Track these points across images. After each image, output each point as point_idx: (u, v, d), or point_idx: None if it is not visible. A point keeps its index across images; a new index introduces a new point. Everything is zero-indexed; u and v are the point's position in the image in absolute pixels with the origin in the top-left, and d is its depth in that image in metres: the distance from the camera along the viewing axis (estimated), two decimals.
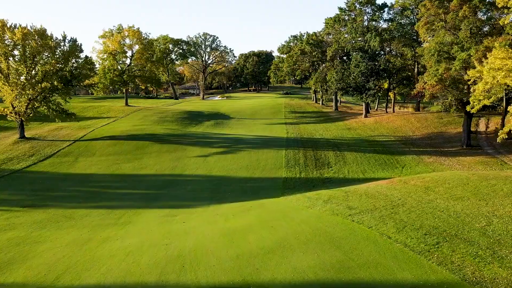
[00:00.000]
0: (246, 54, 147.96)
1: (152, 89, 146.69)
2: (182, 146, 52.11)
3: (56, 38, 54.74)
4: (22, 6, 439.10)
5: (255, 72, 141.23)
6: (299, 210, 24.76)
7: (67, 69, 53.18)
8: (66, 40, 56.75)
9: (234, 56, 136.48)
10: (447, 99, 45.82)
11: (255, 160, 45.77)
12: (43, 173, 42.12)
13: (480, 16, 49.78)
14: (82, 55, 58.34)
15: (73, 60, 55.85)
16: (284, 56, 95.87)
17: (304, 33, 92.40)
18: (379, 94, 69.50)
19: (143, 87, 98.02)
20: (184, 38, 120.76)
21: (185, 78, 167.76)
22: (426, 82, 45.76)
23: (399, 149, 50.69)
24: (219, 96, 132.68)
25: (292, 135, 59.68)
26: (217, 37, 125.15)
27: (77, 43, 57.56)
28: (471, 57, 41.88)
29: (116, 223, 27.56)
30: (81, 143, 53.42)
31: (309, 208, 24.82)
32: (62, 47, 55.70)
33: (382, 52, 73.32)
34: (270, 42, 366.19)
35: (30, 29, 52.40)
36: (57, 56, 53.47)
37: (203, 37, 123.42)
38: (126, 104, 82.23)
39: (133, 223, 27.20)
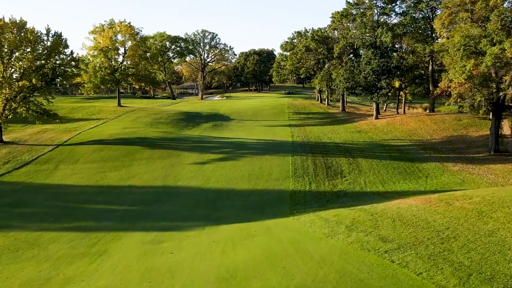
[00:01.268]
0: (246, 52, 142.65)
1: (149, 88, 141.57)
2: (176, 151, 46.81)
3: (38, 32, 49.48)
4: (22, 6, 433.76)
5: (256, 71, 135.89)
6: (317, 241, 19.45)
7: (49, 66, 47.79)
8: (50, 35, 51.57)
9: (234, 54, 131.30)
10: (475, 99, 40.56)
11: (258, 168, 40.48)
12: (15, 184, 36.82)
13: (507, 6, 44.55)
14: (68, 51, 52.81)
15: (57, 57, 50.41)
16: (287, 53, 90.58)
17: (309, 29, 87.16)
18: (390, 93, 64.21)
19: (138, 87, 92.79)
20: (182, 36, 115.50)
21: (183, 77, 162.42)
22: (451, 80, 40.45)
23: (418, 155, 45.38)
24: (218, 96, 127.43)
25: (298, 138, 54.37)
26: (216, 34, 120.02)
27: (62, 38, 52.33)
28: (505, 52, 36.56)
29: (88, 252, 22.27)
30: (64, 148, 48.14)
31: (329, 238, 19.54)
32: (44, 42, 50.47)
33: (393, 49, 67.92)
34: (271, 41, 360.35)
35: (7, 21, 47.10)
36: (38, 51, 48.14)
37: (201, 34, 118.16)
38: (119, 104, 76.91)
39: (109, 254, 21.90)
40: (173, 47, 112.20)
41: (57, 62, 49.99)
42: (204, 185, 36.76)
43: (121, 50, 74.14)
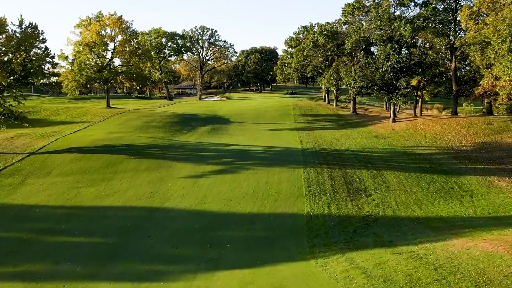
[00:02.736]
0: (247, 50, 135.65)
1: (145, 88, 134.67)
2: (167, 161, 39.92)
3: (6, 22, 42.63)
4: (22, 7, 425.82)
5: (257, 70, 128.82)
6: None
7: (18, 62, 40.86)
8: (23, 26, 44.78)
9: (235, 52, 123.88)
10: None
11: (263, 183, 33.59)
12: None
13: None
14: (43, 46, 45.85)
15: (30, 51, 43.49)
16: (292, 50, 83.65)
17: (315, 24, 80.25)
18: (411, 93, 57.39)
19: (129, 86, 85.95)
20: (179, 32, 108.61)
21: (181, 77, 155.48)
22: (497, 78, 33.60)
23: (452, 166, 38.49)
24: (218, 96, 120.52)
25: (308, 145, 47.49)
26: (216, 31, 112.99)
27: (37, 30, 45.49)
28: None
29: None
30: (37, 157, 41.26)
31: None
32: (17, 34, 43.63)
33: (413, 44, 61.03)
34: (273, 39, 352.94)
35: None
36: (5, 44, 41.27)
37: (200, 31, 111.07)
38: (108, 105, 69.98)
39: None
40: (169, 44, 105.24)
41: (29, 57, 42.97)
42: (198, 206, 29.86)
43: (110, 46, 67.22)
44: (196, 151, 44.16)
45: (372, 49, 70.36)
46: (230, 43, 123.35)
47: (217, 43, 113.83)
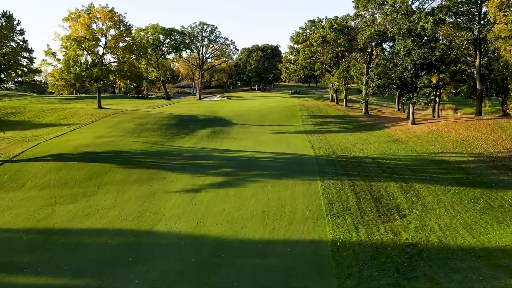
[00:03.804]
0: (249, 48, 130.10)
1: (143, 88, 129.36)
2: (160, 172, 34.48)
3: None
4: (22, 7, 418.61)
5: (259, 68, 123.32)
6: None
7: None
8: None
9: (236, 50, 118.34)
10: None
11: (274, 200, 28.16)
12: None
13: None
14: (20, 38, 40.47)
15: (4, 44, 38.10)
16: (299, 46, 78.16)
17: (323, 18, 74.82)
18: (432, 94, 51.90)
19: (122, 84, 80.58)
20: (178, 28, 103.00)
21: (180, 76, 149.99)
22: None
23: (493, 177, 33.01)
24: (218, 96, 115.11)
25: (321, 151, 42.05)
26: (216, 27, 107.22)
27: (12, 20, 40.09)
28: None
29: None
30: (11, 165, 35.90)
31: None
32: None
33: (434, 38, 55.56)
34: (275, 36, 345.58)
35: None
36: None
37: (199, 27, 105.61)
38: (99, 106, 64.51)
39: None
40: (167, 40, 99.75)
41: (3, 50, 37.56)
42: (196, 230, 24.40)
43: (102, 41, 61.74)
44: (195, 159, 38.71)
45: (384, 45, 65.13)
46: (231, 40, 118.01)
47: (217, 40, 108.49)
